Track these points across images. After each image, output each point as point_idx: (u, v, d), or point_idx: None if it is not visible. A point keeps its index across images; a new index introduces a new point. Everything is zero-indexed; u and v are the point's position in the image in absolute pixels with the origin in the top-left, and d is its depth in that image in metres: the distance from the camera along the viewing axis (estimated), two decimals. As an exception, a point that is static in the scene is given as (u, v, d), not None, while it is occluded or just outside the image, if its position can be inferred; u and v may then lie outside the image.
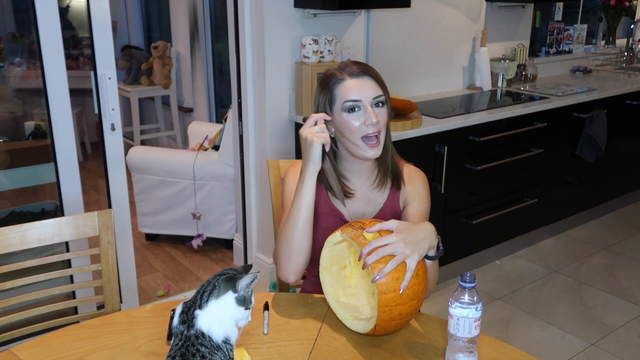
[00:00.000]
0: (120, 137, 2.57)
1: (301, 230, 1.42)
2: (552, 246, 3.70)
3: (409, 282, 1.23)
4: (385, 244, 1.24)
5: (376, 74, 1.49)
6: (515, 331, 2.80)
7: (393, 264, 1.22)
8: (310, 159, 1.41)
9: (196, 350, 1.04)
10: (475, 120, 2.96)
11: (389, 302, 1.22)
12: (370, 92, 1.45)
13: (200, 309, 1.08)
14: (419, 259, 1.26)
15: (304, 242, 1.43)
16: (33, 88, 3.10)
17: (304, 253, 1.44)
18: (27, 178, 2.96)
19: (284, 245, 1.44)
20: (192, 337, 1.06)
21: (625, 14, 4.68)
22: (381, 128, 1.46)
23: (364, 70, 1.47)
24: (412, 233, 1.28)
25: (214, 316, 1.08)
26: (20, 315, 1.59)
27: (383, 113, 1.46)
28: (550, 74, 4.25)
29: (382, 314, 1.23)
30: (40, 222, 1.58)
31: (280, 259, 1.45)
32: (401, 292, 1.22)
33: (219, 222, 3.46)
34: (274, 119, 2.89)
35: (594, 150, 3.62)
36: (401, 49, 3.27)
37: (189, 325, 1.07)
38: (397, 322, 1.26)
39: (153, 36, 5.80)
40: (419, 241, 1.27)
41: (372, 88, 1.46)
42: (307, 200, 1.42)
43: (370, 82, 1.46)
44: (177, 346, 1.07)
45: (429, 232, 1.32)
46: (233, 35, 2.94)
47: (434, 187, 2.90)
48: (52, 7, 2.30)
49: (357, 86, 1.45)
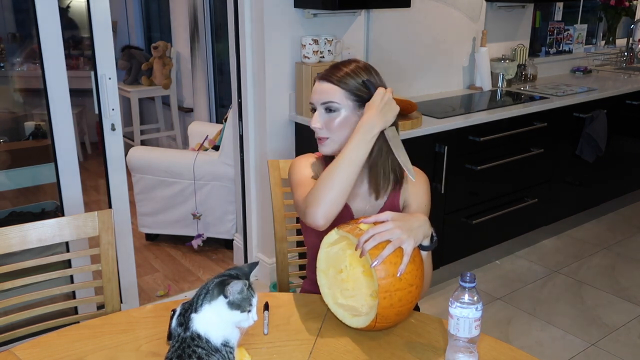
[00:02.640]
0: (120, 137, 2.57)
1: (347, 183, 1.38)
2: (552, 246, 3.70)
3: (406, 265, 1.26)
4: (382, 230, 1.27)
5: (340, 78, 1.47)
6: (515, 331, 2.80)
7: (390, 248, 1.26)
8: (386, 117, 1.43)
9: (192, 352, 1.04)
10: (475, 120, 2.96)
11: (389, 287, 1.24)
12: (321, 97, 1.48)
13: (196, 313, 1.08)
14: (415, 245, 1.30)
15: (344, 196, 1.38)
16: (33, 88, 3.10)
17: (339, 205, 1.38)
18: (27, 178, 2.96)
19: (324, 189, 1.37)
20: (188, 339, 1.06)
21: (625, 14, 4.68)
22: (326, 134, 1.49)
23: (327, 75, 1.49)
24: (407, 221, 1.32)
25: (208, 320, 1.08)
26: (21, 315, 1.58)
27: (330, 118, 1.48)
28: (550, 74, 4.25)
29: (382, 301, 1.24)
30: (40, 222, 1.57)
31: (316, 201, 1.37)
32: (399, 275, 1.25)
33: (219, 222, 3.46)
34: (274, 119, 2.89)
35: (594, 150, 3.62)
36: (401, 49, 3.27)
37: (185, 327, 1.07)
38: (397, 310, 1.26)
39: (153, 36, 5.81)
40: (414, 228, 1.31)
41: (325, 93, 1.48)
42: (363, 157, 1.40)
43: (327, 87, 1.48)
44: (174, 347, 1.07)
45: (423, 222, 1.35)
46: (233, 35, 2.94)
47: (434, 187, 2.90)
48: (52, 7, 2.31)
49: (315, 89, 1.51)
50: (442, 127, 2.83)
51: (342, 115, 1.48)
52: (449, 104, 3.29)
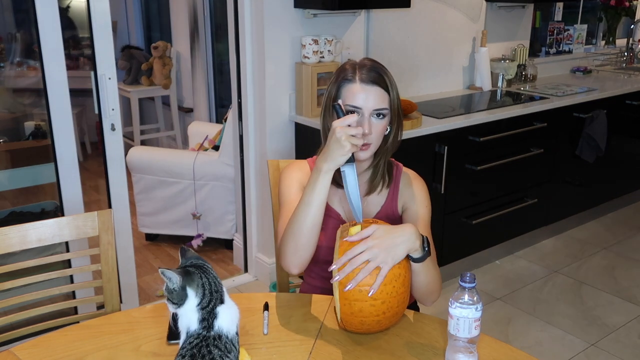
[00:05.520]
0: (120, 137, 2.57)
1: (310, 227, 1.38)
2: (552, 246, 3.70)
3: (379, 285, 1.23)
4: (359, 252, 1.25)
5: (388, 82, 1.46)
6: (515, 331, 2.80)
7: (365, 272, 1.24)
8: (333, 158, 1.33)
9: (208, 352, 1.04)
10: (475, 121, 2.96)
11: (348, 296, 1.25)
12: (373, 104, 1.43)
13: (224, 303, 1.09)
14: (394, 264, 1.26)
15: (311, 239, 1.39)
16: (33, 88, 3.10)
17: (310, 248, 1.40)
18: (27, 178, 2.96)
19: (290, 237, 1.40)
20: (210, 339, 1.06)
21: (625, 14, 4.68)
22: (372, 140, 1.45)
23: (376, 80, 1.44)
24: (389, 237, 1.27)
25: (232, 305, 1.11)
26: (20, 315, 1.59)
27: (379, 124, 1.45)
28: (550, 74, 4.25)
29: (342, 306, 1.26)
30: (40, 222, 1.57)
31: (285, 250, 1.41)
32: (370, 295, 1.23)
33: (219, 222, 3.46)
34: (274, 119, 2.89)
35: (594, 151, 3.62)
36: (401, 49, 3.27)
37: (209, 325, 1.07)
38: (360, 319, 1.26)
39: (153, 36, 5.81)
40: (396, 245, 1.27)
41: (377, 99, 1.43)
42: (320, 199, 1.37)
43: (378, 92, 1.43)
44: (191, 344, 1.05)
45: (409, 235, 1.29)
46: (233, 35, 2.94)
47: (434, 187, 2.90)
48: (52, 7, 2.31)
49: (362, 94, 1.43)
50: (442, 127, 2.83)
51: (386, 120, 1.47)
52: (449, 104, 3.29)
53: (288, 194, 1.53)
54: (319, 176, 1.36)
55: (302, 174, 1.56)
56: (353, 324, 1.28)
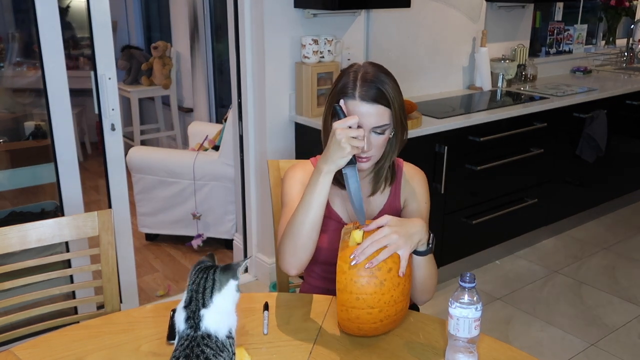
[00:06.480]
0: (120, 137, 2.57)
1: (309, 228, 1.38)
2: (552, 246, 3.70)
3: (405, 268, 1.26)
4: (379, 237, 1.27)
5: (389, 98, 1.41)
6: (515, 331, 2.80)
7: (386, 253, 1.25)
8: (334, 160, 1.32)
9: (200, 352, 1.04)
10: (475, 121, 2.96)
11: (345, 302, 1.24)
12: (374, 121, 1.41)
13: (206, 307, 1.07)
14: (411, 250, 1.29)
15: (309, 240, 1.39)
16: (33, 88, 3.10)
17: (308, 250, 1.40)
18: (27, 178, 2.96)
19: (289, 238, 1.40)
20: (199, 338, 1.05)
21: (625, 14, 4.68)
22: (373, 153, 1.45)
23: (376, 97, 1.39)
24: (404, 226, 1.30)
25: (219, 310, 1.08)
26: (20, 315, 1.59)
27: (380, 138, 1.43)
28: (550, 74, 4.25)
29: (340, 312, 1.26)
30: (40, 222, 1.57)
31: (284, 252, 1.41)
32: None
33: (219, 222, 3.46)
34: (274, 119, 2.89)
35: (594, 151, 3.62)
36: (401, 49, 3.27)
37: (195, 327, 1.06)
38: (357, 326, 1.26)
39: (153, 36, 5.81)
40: (411, 234, 1.30)
41: (377, 117, 1.40)
42: (320, 200, 1.36)
43: (378, 110, 1.40)
44: (183, 346, 1.06)
45: (420, 227, 1.33)
46: (233, 35, 2.94)
47: (434, 187, 2.90)
48: (52, 7, 2.31)
49: (362, 112, 1.39)
50: (442, 127, 2.83)
51: (387, 132, 1.45)
52: (449, 104, 3.29)
53: (290, 194, 1.53)
54: (319, 177, 1.36)
55: (305, 174, 1.56)
56: (350, 329, 1.29)
